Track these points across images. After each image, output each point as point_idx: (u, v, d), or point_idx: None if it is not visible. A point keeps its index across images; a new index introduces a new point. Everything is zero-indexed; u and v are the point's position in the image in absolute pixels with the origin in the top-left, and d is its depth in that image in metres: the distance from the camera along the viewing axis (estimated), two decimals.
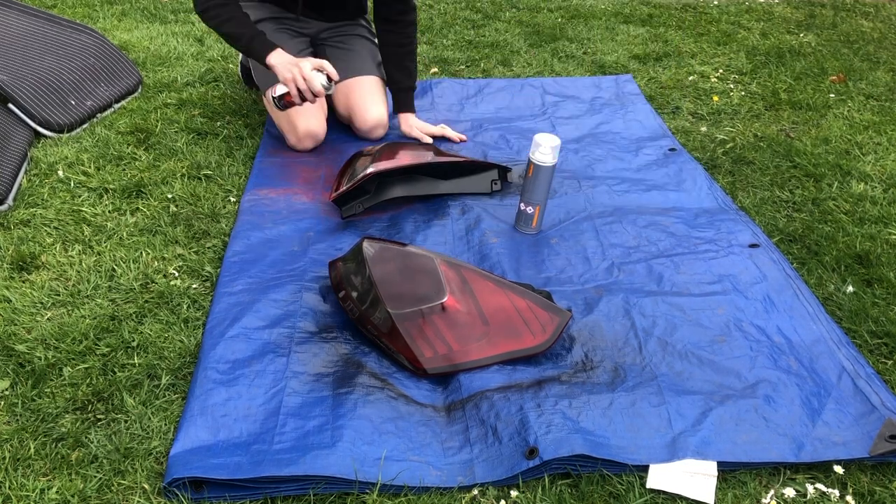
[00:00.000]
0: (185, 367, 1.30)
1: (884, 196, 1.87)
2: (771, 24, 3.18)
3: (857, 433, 1.18)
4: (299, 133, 1.97)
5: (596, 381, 1.27)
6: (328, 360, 1.31)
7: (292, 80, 1.77)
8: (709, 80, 2.59)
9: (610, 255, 1.62)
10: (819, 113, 2.34)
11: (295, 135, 1.97)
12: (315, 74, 1.76)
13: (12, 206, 1.72)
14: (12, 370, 1.27)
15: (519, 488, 1.10)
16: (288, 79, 1.77)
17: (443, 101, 2.35)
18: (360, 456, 1.12)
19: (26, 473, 1.10)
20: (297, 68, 1.76)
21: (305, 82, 1.76)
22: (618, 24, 3.12)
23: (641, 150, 2.07)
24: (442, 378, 1.29)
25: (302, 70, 1.76)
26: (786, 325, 1.41)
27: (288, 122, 1.97)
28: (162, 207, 1.75)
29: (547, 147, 1.60)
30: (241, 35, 1.83)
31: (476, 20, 3.13)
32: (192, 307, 1.44)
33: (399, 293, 1.35)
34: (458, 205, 1.79)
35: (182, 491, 1.07)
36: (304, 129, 1.96)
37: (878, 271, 1.58)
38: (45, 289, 1.46)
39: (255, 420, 1.18)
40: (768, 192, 1.89)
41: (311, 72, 1.76)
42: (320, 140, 2.02)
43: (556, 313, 1.36)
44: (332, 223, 1.73)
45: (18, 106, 1.99)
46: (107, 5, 3.13)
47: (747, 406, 1.22)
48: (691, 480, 1.10)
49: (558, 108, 2.33)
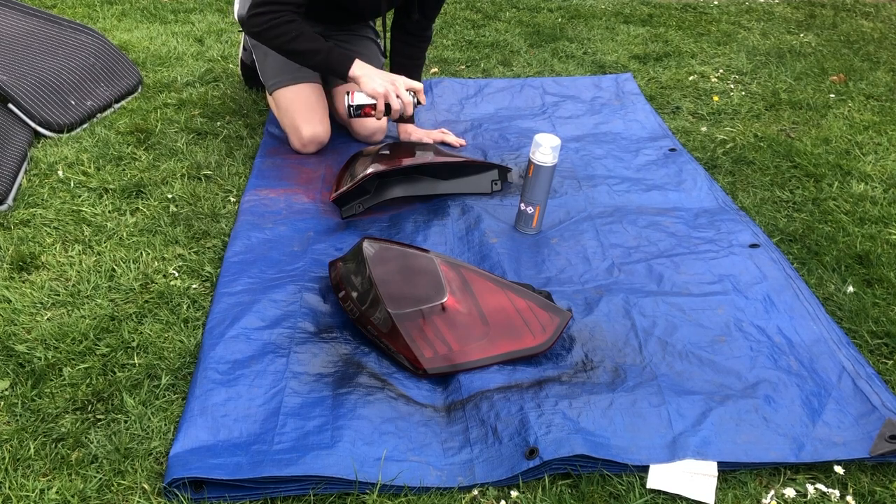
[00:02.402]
0: (185, 368, 1.30)
1: (884, 196, 1.87)
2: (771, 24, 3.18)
3: (857, 433, 1.18)
4: (304, 138, 1.96)
5: (596, 382, 1.27)
6: (328, 361, 1.31)
7: (384, 95, 1.69)
8: (709, 80, 2.59)
9: (610, 255, 1.62)
10: (819, 113, 2.34)
11: (299, 139, 1.97)
12: (409, 95, 1.71)
13: (12, 206, 1.72)
14: (12, 370, 1.27)
15: (519, 488, 1.10)
16: (380, 94, 1.69)
17: (443, 101, 2.35)
18: (360, 456, 1.12)
19: (26, 473, 1.10)
20: (392, 86, 1.70)
21: (399, 101, 1.70)
22: (618, 24, 3.12)
23: (641, 150, 2.07)
24: (442, 378, 1.29)
25: (398, 88, 1.70)
26: (786, 325, 1.41)
27: (292, 125, 1.96)
28: (162, 207, 1.75)
29: (547, 147, 1.60)
30: (316, 51, 1.72)
31: (476, 20, 3.12)
32: (192, 307, 1.44)
33: (399, 293, 1.35)
34: (458, 205, 1.79)
35: (182, 491, 1.06)
36: (309, 134, 1.95)
37: (878, 271, 1.58)
38: (45, 289, 1.46)
39: (255, 420, 1.18)
40: (768, 192, 1.89)
41: (405, 91, 1.71)
42: (324, 144, 2.01)
43: (556, 313, 1.35)
44: (332, 223, 1.72)
45: (18, 106, 1.99)
46: (107, 5, 3.13)
47: (747, 406, 1.22)
48: (691, 480, 1.10)
49: (558, 108, 2.33)
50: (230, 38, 2.82)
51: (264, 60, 2.01)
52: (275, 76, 1.97)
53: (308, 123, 1.95)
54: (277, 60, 1.96)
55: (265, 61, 2.01)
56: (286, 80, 1.96)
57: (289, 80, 1.96)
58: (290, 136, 1.99)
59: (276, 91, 1.98)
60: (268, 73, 1.99)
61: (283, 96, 1.97)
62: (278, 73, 1.96)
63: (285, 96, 1.97)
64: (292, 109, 1.96)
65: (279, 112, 2.00)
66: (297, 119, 1.95)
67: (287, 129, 1.99)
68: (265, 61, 2.01)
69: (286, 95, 1.97)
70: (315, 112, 1.97)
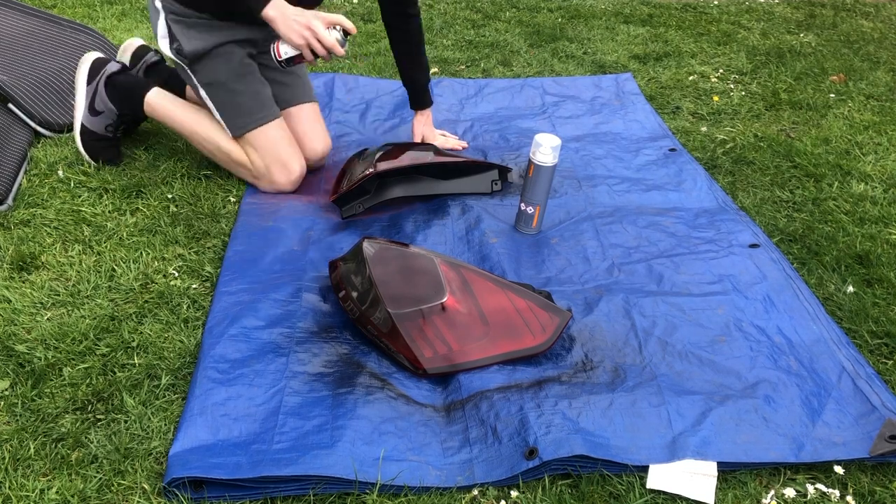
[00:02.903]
0: (185, 367, 1.30)
1: (884, 196, 1.87)
2: (771, 24, 3.18)
3: (857, 433, 1.18)
4: (294, 173, 1.80)
5: (596, 382, 1.27)
6: (328, 360, 1.31)
7: (306, 45, 1.56)
8: (709, 80, 2.59)
9: (610, 255, 1.62)
10: (819, 113, 2.34)
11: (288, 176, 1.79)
12: (331, 33, 1.55)
13: (12, 206, 1.72)
14: (12, 370, 1.27)
15: (519, 488, 1.10)
16: (301, 45, 1.56)
17: (443, 101, 2.35)
18: (359, 456, 1.12)
19: (26, 473, 1.10)
20: (308, 31, 1.54)
21: (322, 45, 1.55)
22: (618, 24, 3.12)
23: (641, 150, 2.07)
24: (442, 378, 1.29)
25: (316, 32, 1.54)
26: (786, 325, 1.41)
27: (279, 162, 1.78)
28: (162, 207, 1.75)
29: (547, 147, 1.60)
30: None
31: (476, 20, 3.12)
32: (192, 307, 1.44)
33: (399, 293, 1.35)
34: (458, 205, 1.79)
35: (182, 491, 1.06)
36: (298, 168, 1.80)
37: (878, 271, 1.58)
38: (45, 289, 1.46)
39: (255, 420, 1.18)
40: (768, 192, 1.89)
41: (325, 31, 1.55)
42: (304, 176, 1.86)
43: (556, 313, 1.35)
44: (332, 223, 1.73)
45: (18, 106, 1.99)
46: (107, 5, 3.13)
47: (747, 406, 1.22)
48: (691, 480, 1.10)
49: (558, 108, 2.33)
50: None
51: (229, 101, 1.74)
52: (249, 114, 1.75)
53: (296, 159, 1.80)
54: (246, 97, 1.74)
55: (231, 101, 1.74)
56: (260, 119, 1.76)
57: (264, 118, 1.76)
58: (275, 175, 1.79)
59: (253, 130, 1.76)
60: (238, 114, 1.75)
61: (264, 135, 1.76)
62: (249, 112, 1.75)
63: (266, 135, 1.77)
64: (277, 147, 1.77)
65: (259, 152, 1.77)
66: (285, 155, 1.78)
67: (270, 167, 1.78)
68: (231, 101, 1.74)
69: (267, 134, 1.77)
70: (295, 147, 1.82)
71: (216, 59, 1.70)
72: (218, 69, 1.71)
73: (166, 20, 1.69)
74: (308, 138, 1.89)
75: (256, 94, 1.75)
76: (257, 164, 1.79)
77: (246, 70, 1.74)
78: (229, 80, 1.72)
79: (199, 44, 1.68)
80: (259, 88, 1.76)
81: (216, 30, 1.69)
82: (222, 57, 1.71)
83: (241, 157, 1.80)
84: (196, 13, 1.67)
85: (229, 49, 1.71)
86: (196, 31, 1.68)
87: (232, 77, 1.72)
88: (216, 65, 1.71)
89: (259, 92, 1.76)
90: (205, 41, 1.69)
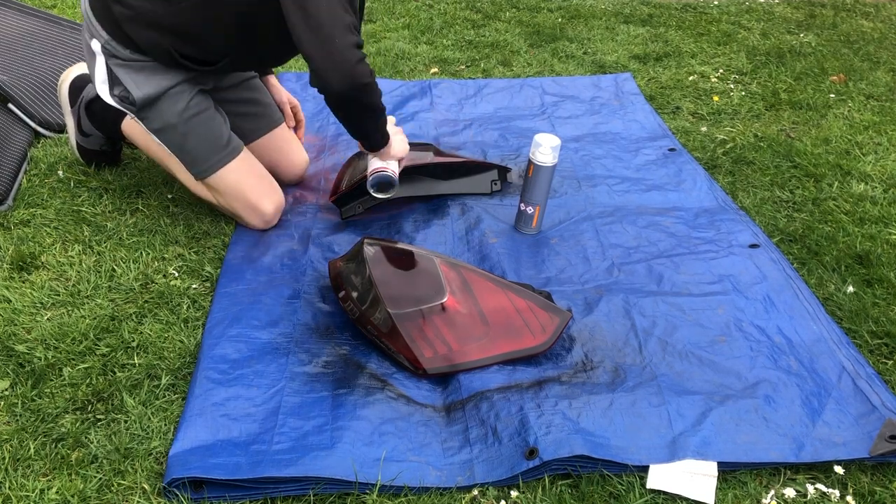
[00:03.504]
0: (185, 367, 1.30)
1: (884, 196, 1.87)
2: (771, 24, 3.18)
3: (857, 433, 1.18)
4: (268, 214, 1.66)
5: (596, 382, 1.27)
6: (328, 361, 1.31)
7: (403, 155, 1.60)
8: (709, 80, 2.59)
9: (610, 255, 1.62)
10: (819, 113, 2.34)
11: (261, 217, 1.65)
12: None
13: (12, 206, 1.72)
14: (12, 370, 1.27)
15: (519, 488, 1.10)
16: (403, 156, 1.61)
17: (442, 102, 2.35)
18: (359, 457, 1.12)
19: (26, 473, 1.10)
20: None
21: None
22: (618, 24, 3.12)
23: (641, 150, 2.07)
24: (442, 378, 1.29)
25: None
26: (786, 325, 1.41)
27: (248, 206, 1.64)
28: (162, 207, 1.75)
29: (547, 147, 1.60)
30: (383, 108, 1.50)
31: (476, 20, 3.12)
32: (192, 307, 1.44)
33: (399, 293, 1.35)
34: (458, 205, 1.79)
35: (182, 491, 1.06)
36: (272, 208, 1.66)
37: (878, 271, 1.58)
38: (45, 289, 1.46)
39: (255, 420, 1.18)
40: (768, 192, 1.89)
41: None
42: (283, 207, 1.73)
43: (556, 313, 1.35)
44: (332, 223, 1.72)
45: (18, 106, 1.99)
46: None
47: (747, 406, 1.22)
48: (691, 480, 1.10)
49: (558, 108, 2.33)
50: None
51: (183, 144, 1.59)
52: (205, 158, 1.60)
53: (267, 197, 1.65)
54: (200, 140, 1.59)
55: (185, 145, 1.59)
56: (217, 162, 1.61)
57: (221, 161, 1.61)
58: (247, 218, 1.65)
59: (215, 174, 1.61)
60: (194, 158, 1.60)
61: (225, 179, 1.61)
62: (208, 154, 1.60)
63: (229, 177, 1.61)
64: (243, 188, 1.62)
65: (223, 197, 1.64)
66: (252, 197, 1.63)
67: (240, 211, 1.64)
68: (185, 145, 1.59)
69: (230, 176, 1.61)
70: (265, 179, 1.67)
71: (166, 101, 1.53)
72: (168, 112, 1.54)
73: (107, 64, 1.51)
74: (287, 161, 1.82)
75: (210, 135, 1.59)
76: (224, 207, 1.66)
77: (198, 109, 1.57)
78: (180, 124, 1.55)
79: (150, 89, 1.51)
80: (212, 127, 1.60)
81: (159, 70, 1.51)
82: (172, 99, 1.53)
83: (210, 198, 1.68)
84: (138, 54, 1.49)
85: (180, 89, 1.54)
86: (145, 76, 1.50)
87: (182, 120, 1.55)
88: (166, 108, 1.54)
89: (213, 131, 1.60)
90: (156, 85, 1.51)
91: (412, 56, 2.71)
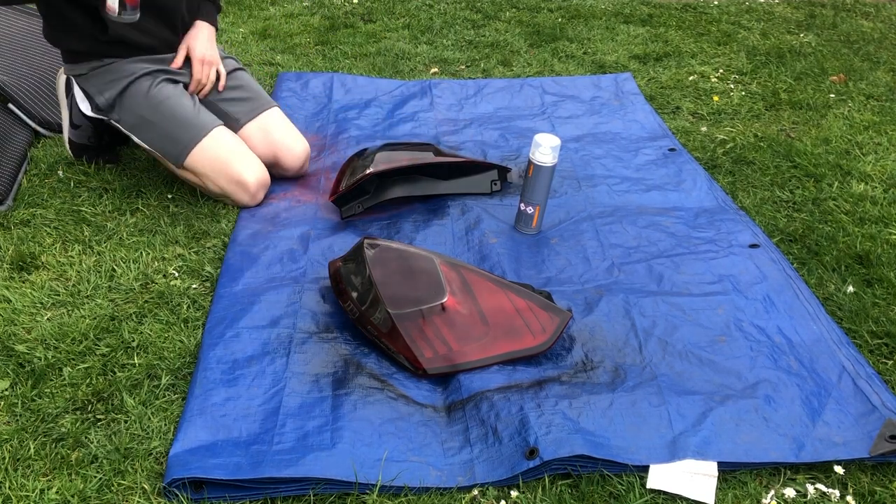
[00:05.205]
0: (185, 367, 1.30)
1: (884, 196, 1.87)
2: (771, 24, 3.18)
3: (857, 433, 1.18)
4: (252, 187, 1.69)
5: (596, 382, 1.27)
6: (328, 361, 1.31)
7: None
8: (709, 80, 2.59)
9: (610, 255, 1.62)
10: (819, 113, 2.34)
11: (246, 190, 1.69)
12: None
13: (12, 206, 1.72)
14: (12, 370, 1.27)
15: (519, 488, 1.10)
16: None
17: (442, 101, 2.35)
18: (359, 457, 1.12)
19: (26, 473, 1.10)
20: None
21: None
22: (618, 24, 3.12)
23: (641, 150, 2.07)
24: (442, 378, 1.29)
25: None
26: (786, 325, 1.41)
27: (230, 179, 1.67)
28: (162, 207, 1.75)
29: (547, 147, 1.60)
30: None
31: (476, 20, 3.12)
32: (192, 307, 1.44)
33: (399, 293, 1.35)
34: (457, 205, 1.79)
35: (182, 491, 1.06)
36: (255, 179, 1.69)
37: (878, 271, 1.58)
38: (45, 289, 1.46)
39: (255, 420, 1.18)
40: (768, 192, 1.89)
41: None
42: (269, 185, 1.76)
43: (556, 313, 1.35)
44: (332, 223, 1.72)
45: (18, 106, 1.99)
46: None
47: (747, 406, 1.22)
48: (691, 480, 1.10)
49: (558, 108, 2.33)
50: (229, 37, 2.82)
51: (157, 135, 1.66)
52: (177, 140, 1.65)
53: (248, 169, 1.67)
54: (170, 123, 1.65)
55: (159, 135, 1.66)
56: (193, 137, 1.64)
57: (196, 136, 1.64)
58: (233, 195, 1.69)
59: (191, 153, 1.65)
60: (170, 144, 1.65)
61: (202, 156, 1.65)
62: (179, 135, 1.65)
63: (204, 155, 1.65)
64: (221, 164, 1.65)
65: (203, 177, 1.67)
66: (233, 168, 1.65)
67: (224, 188, 1.67)
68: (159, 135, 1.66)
69: (205, 154, 1.65)
70: (245, 153, 1.69)
71: (129, 98, 1.66)
72: (133, 107, 1.65)
73: (77, 84, 1.70)
74: (284, 145, 1.81)
75: (177, 117, 1.65)
76: (212, 189, 1.69)
77: (160, 97, 1.65)
78: (147, 114, 1.64)
79: (111, 89, 1.66)
80: (179, 111, 1.65)
81: (118, 70, 1.65)
82: (133, 93, 1.65)
83: (198, 182, 1.72)
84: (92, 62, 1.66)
85: (138, 83, 1.66)
86: (100, 80, 1.66)
87: (149, 111, 1.64)
88: (130, 104, 1.65)
89: (180, 114, 1.65)
90: (115, 85, 1.65)
91: (412, 56, 2.71)
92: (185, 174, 1.71)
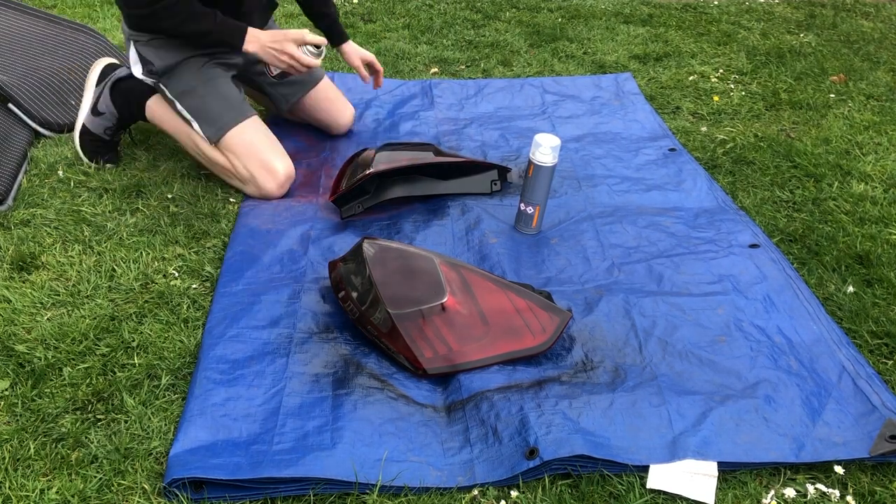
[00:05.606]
0: (185, 367, 1.30)
1: (884, 196, 1.87)
2: (771, 24, 3.18)
3: (857, 433, 1.18)
4: (281, 176, 1.77)
5: (596, 382, 1.27)
6: (328, 361, 1.31)
7: (289, 67, 1.72)
8: (709, 80, 2.59)
9: (610, 255, 1.62)
10: (819, 113, 2.34)
11: (275, 179, 1.76)
12: (304, 52, 1.71)
13: (12, 206, 1.72)
14: (12, 370, 1.27)
15: (519, 488, 1.10)
16: (285, 68, 1.73)
17: (443, 101, 2.35)
18: (359, 457, 1.12)
19: (26, 473, 1.10)
20: (286, 56, 1.70)
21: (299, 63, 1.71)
22: (618, 24, 3.12)
23: (641, 150, 2.07)
24: (442, 378, 1.29)
25: (293, 55, 1.69)
26: (786, 325, 1.41)
27: (263, 166, 1.75)
28: (162, 207, 1.75)
29: (547, 147, 1.60)
30: (207, 31, 1.66)
31: (476, 20, 3.12)
32: (192, 307, 1.44)
33: (399, 293, 1.35)
34: (457, 205, 1.79)
35: (182, 491, 1.06)
36: (284, 170, 1.77)
37: (878, 271, 1.58)
38: (45, 289, 1.46)
39: (255, 420, 1.18)
40: (768, 192, 1.89)
41: (298, 51, 1.70)
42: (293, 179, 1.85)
43: (556, 313, 1.35)
44: (332, 223, 1.72)
45: (18, 106, 1.99)
46: (107, 5, 3.13)
47: (747, 406, 1.22)
48: (692, 480, 1.10)
49: (558, 108, 2.33)
50: None
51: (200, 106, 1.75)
52: (220, 116, 1.74)
53: (279, 159, 1.77)
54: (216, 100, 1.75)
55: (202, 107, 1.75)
56: (231, 120, 1.74)
57: (235, 119, 1.75)
58: (260, 180, 1.75)
59: (230, 131, 1.74)
60: (212, 118, 1.74)
61: (240, 138, 1.74)
62: (219, 115, 1.74)
63: (242, 138, 1.74)
64: (256, 149, 1.75)
65: (235, 157, 1.75)
66: (266, 155, 1.75)
67: (254, 172, 1.75)
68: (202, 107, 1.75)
69: (243, 137, 1.74)
70: (277, 145, 1.80)
71: (184, 68, 1.76)
72: (186, 77, 1.75)
73: (135, 47, 1.77)
74: (335, 108, 2.06)
75: (224, 96, 1.77)
76: (240, 171, 1.76)
77: (212, 74, 1.77)
78: (198, 86, 1.75)
79: (170, 59, 1.75)
80: (226, 91, 1.78)
81: (179, 45, 1.75)
82: (189, 65, 1.76)
83: (226, 164, 1.78)
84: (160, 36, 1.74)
85: (196, 59, 1.77)
86: (164, 51, 1.75)
87: (200, 82, 1.75)
88: (184, 73, 1.76)
89: (227, 94, 1.77)
90: (174, 56, 1.75)
91: (412, 56, 2.71)
92: (214, 154, 1.78)
